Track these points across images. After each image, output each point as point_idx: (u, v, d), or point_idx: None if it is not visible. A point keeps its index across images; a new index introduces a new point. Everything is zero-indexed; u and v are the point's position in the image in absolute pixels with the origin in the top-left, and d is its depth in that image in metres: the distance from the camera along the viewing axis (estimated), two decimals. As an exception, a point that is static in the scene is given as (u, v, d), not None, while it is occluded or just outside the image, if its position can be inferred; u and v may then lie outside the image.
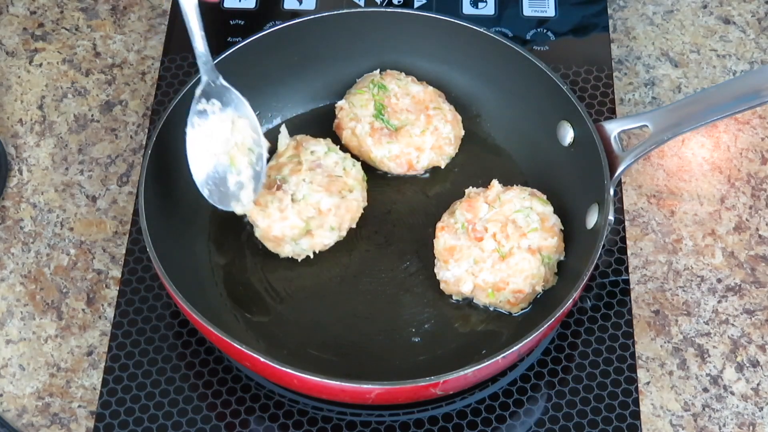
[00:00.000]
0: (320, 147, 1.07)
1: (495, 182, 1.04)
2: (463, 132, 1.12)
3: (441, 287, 1.03)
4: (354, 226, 1.06)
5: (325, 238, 1.04)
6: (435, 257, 1.03)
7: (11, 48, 1.22)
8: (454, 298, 1.03)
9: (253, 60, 1.08)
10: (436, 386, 0.89)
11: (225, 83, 0.99)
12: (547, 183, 1.08)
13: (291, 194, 1.03)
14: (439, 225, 1.03)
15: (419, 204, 1.09)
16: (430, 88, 1.12)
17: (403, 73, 1.13)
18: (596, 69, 1.18)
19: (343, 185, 1.05)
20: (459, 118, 1.12)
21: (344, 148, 1.10)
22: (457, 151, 1.11)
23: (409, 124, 1.10)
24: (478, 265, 1.00)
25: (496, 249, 1.01)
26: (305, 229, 1.03)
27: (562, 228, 1.04)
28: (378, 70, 1.13)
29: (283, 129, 1.09)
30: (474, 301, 1.02)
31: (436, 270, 1.03)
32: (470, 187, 1.05)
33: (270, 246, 1.04)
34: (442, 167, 1.11)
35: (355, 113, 1.10)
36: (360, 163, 1.08)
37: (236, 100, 0.99)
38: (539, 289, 1.01)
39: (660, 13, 1.26)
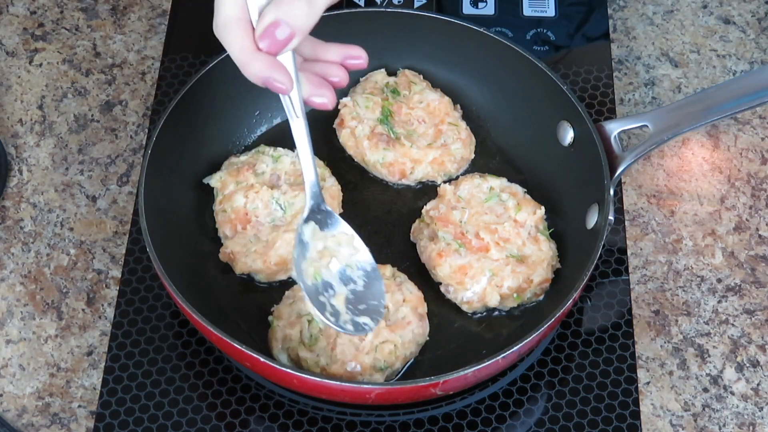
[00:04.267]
0: (266, 159, 1.06)
1: (445, 186, 1.05)
2: (473, 155, 1.10)
3: (464, 309, 1.01)
4: (342, 210, 1.05)
5: None
6: (441, 284, 1.01)
7: (11, 48, 1.22)
8: (477, 314, 1.01)
9: (254, 60, 1.08)
10: (436, 386, 0.89)
11: (328, 208, 0.92)
12: (547, 183, 1.08)
13: (271, 218, 1.02)
14: (433, 253, 1.01)
15: (420, 204, 1.09)
16: (446, 98, 1.11)
17: (420, 76, 1.13)
18: (596, 69, 1.17)
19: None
20: (473, 139, 1.10)
21: (342, 148, 1.10)
22: (460, 173, 1.09)
23: (415, 134, 1.09)
24: (498, 275, 0.99)
25: (509, 255, 1.00)
26: None
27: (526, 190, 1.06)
28: (383, 69, 1.13)
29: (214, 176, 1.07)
30: (498, 309, 1.01)
31: (451, 296, 1.01)
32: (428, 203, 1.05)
33: (279, 277, 1.02)
34: (438, 183, 1.08)
35: (358, 113, 1.09)
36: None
37: (338, 222, 0.93)
38: (558, 264, 1.02)
39: (660, 13, 1.26)
